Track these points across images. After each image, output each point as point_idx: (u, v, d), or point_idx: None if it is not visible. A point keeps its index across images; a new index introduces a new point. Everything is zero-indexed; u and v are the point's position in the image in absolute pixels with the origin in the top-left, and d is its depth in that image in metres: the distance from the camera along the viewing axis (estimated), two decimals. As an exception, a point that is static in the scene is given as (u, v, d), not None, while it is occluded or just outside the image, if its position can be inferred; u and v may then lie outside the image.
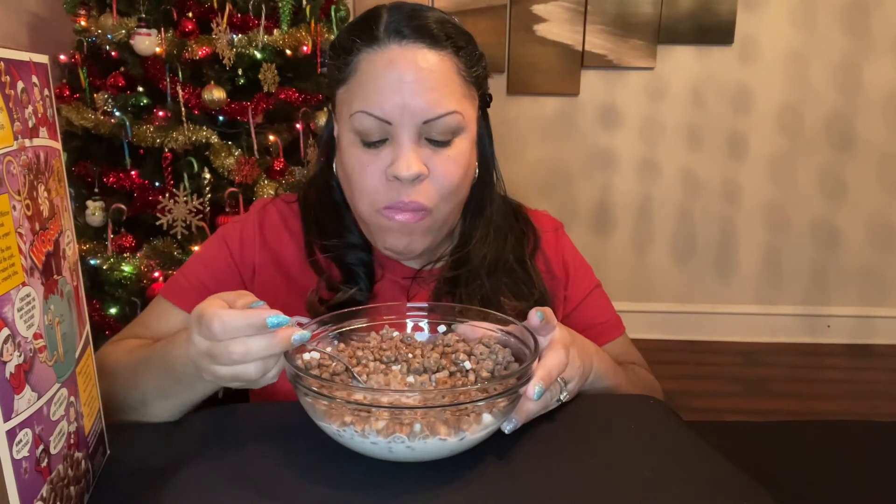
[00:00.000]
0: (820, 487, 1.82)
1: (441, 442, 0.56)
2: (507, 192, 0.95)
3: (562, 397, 0.68)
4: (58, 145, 0.54)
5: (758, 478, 0.60)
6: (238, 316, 0.56)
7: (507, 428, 0.62)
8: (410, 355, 0.68)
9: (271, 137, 1.81)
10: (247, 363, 0.56)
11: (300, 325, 0.68)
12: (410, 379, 0.64)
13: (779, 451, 2.04)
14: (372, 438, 0.56)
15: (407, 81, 0.73)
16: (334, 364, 0.65)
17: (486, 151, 0.89)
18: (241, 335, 0.56)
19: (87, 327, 0.60)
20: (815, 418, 2.28)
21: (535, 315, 0.65)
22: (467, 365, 0.66)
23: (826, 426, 2.21)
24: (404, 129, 0.75)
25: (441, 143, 0.77)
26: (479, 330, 0.71)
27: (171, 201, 1.69)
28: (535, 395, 0.62)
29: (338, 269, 0.85)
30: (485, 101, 0.86)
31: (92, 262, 1.71)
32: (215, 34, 1.72)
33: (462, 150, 0.78)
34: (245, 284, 0.86)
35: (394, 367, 0.66)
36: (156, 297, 0.88)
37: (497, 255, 0.87)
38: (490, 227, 0.88)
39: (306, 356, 0.67)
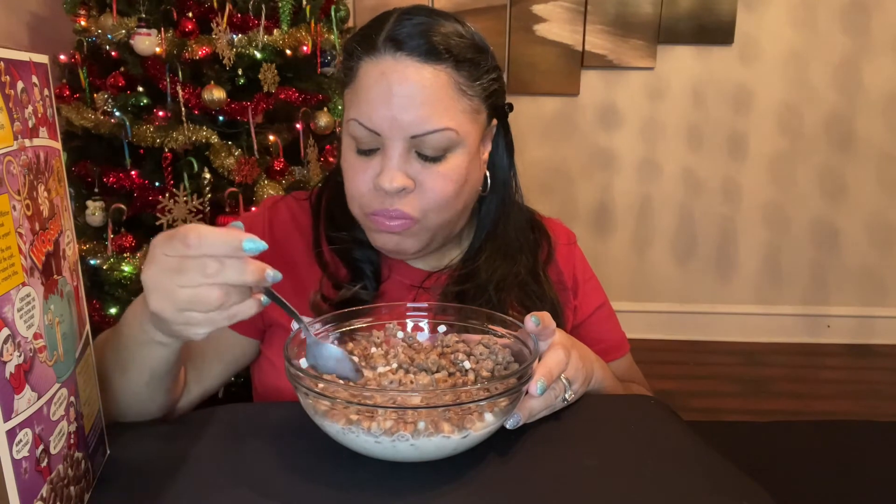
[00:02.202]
0: (820, 487, 1.82)
1: (445, 439, 0.56)
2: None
3: (567, 397, 0.68)
4: (58, 145, 0.54)
5: (758, 478, 0.60)
6: (216, 231, 0.54)
7: (510, 423, 0.62)
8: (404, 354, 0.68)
9: (271, 137, 1.81)
10: (212, 285, 0.53)
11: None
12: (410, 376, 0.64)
13: (779, 451, 2.04)
14: (376, 437, 0.56)
15: (397, 95, 0.73)
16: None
17: (503, 163, 0.88)
18: (216, 252, 0.53)
19: (87, 327, 0.60)
20: (815, 418, 2.28)
21: (531, 320, 0.65)
22: (467, 365, 0.66)
23: (826, 426, 2.21)
24: (393, 141, 0.74)
25: (432, 159, 0.76)
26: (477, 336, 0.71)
27: (171, 201, 1.69)
28: (538, 391, 0.63)
29: (345, 266, 0.85)
30: (503, 112, 0.85)
31: (92, 262, 1.71)
32: (215, 34, 1.72)
33: (455, 165, 0.77)
34: None
35: (391, 365, 0.67)
36: None
37: (508, 270, 0.86)
38: (502, 242, 0.87)
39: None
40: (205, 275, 0.53)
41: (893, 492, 1.80)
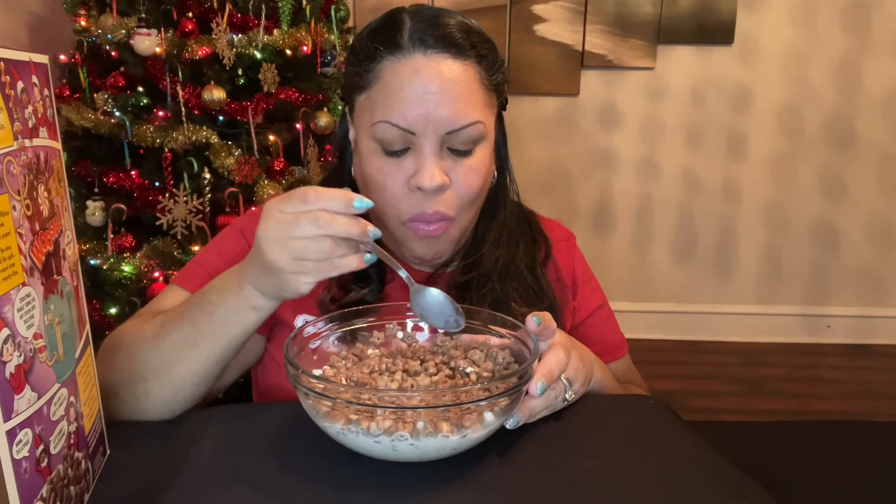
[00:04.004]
0: (820, 487, 1.82)
1: (444, 439, 0.56)
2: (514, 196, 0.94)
3: (567, 397, 0.68)
4: (58, 145, 0.54)
5: (758, 478, 0.60)
6: (330, 190, 0.61)
7: (510, 423, 0.62)
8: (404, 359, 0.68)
9: (271, 137, 1.81)
10: (324, 236, 0.59)
11: (306, 322, 0.69)
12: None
13: (779, 451, 2.04)
14: (376, 437, 0.56)
15: (431, 92, 0.73)
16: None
17: (502, 153, 0.89)
18: (331, 207, 0.60)
19: (87, 327, 0.60)
20: (815, 418, 2.28)
21: (532, 320, 0.66)
22: (468, 370, 0.66)
23: (826, 426, 2.21)
24: (427, 139, 0.74)
25: (463, 153, 0.77)
26: (479, 336, 0.71)
27: (171, 201, 1.69)
28: (538, 391, 0.63)
29: None
30: (503, 104, 0.86)
31: (92, 262, 1.71)
32: (215, 34, 1.72)
33: (482, 158, 0.78)
34: None
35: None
36: (168, 286, 0.87)
37: (509, 258, 0.87)
38: (503, 229, 0.88)
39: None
40: (317, 226, 0.59)
41: (893, 492, 1.80)
